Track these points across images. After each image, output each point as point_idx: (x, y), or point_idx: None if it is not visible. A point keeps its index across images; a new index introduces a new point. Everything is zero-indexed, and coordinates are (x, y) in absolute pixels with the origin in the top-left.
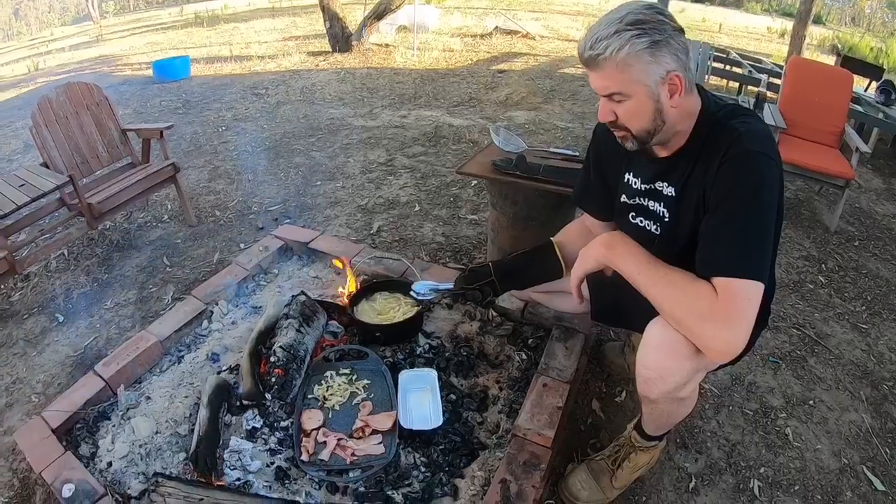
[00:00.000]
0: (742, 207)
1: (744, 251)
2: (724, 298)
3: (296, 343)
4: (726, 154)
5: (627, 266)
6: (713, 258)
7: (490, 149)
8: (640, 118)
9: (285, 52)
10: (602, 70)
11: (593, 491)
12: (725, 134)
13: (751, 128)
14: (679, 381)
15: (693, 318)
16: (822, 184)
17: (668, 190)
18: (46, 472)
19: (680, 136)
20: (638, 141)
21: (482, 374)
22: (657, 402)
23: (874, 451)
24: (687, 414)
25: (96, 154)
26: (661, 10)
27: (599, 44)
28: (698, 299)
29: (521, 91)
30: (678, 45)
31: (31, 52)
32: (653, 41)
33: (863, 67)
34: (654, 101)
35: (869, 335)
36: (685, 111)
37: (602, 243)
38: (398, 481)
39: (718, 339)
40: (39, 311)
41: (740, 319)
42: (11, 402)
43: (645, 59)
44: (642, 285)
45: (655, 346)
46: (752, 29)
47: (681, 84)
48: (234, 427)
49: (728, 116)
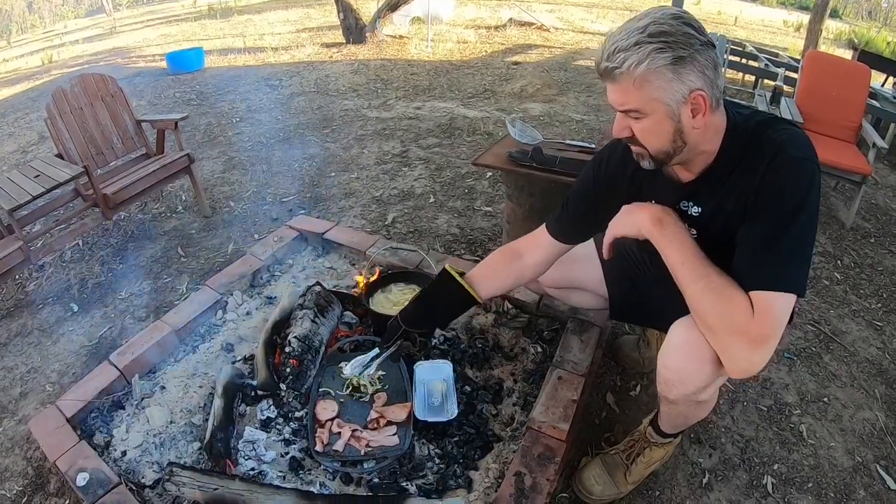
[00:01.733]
0: (788, 219)
1: (786, 265)
2: (759, 316)
3: (311, 334)
4: (771, 163)
5: (673, 252)
6: (754, 272)
7: (506, 140)
8: (657, 138)
9: (299, 44)
10: (619, 84)
11: (607, 485)
12: (767, 145)
13: (792, 134)
14: (699, 385)
15: (725, 330)
16: (839, 179)
17: (695, 209)
18: (61, 460)
19: (705, 155)
20: (655, 161)
21: (497, 366)
22: (676, 403)
23: (888, 450)
24: (705, 415)
25: (111, 145)
26: (689, 21)
27: (617, 56)
28: (734, 313)
29: (536, 83)
30: (706, 62)
31: (45, 45)
32: (676, 56)
33: (880, 62)
34: (675, 122)
35: (884, 332)
36: (710, 131)
37: (651, 217)
38: (412, 473)
39: (743, 359)
40: (54, 300)
41: (770, 340)
42: (26, 391)
43: (666, 77)
44: (682, 278)
45: (678, 348)
46: (767, 22)
47: (705, 104)
48: (249, 417)
49: (762, 126)
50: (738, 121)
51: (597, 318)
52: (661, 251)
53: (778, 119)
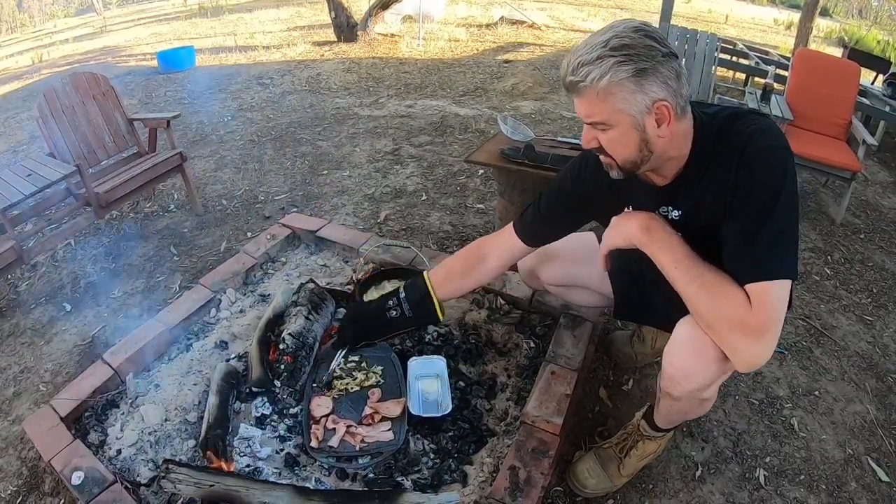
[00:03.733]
0: (768, 209)
1: (775, 252)
2: (757, 308)
3: (304, 330)
4: (742, 156)
5: (664, 257)
6: (745, 265)
7: (498, 138)
8: (624, 148)
9: (290, 43)
10: (584, 97)
11: (601, 478)
12: (736, 138)
13: (760, 125)
14: (703, 383)
15: (725, 326)
16: (829, 176)
17: (675, 213)
18: (56, 459)
19: (676, 160)
20: (623, 171)
21: (490, 361)
22: (679, 400)
23: (879, 443)
24: (703, 413)
25: (103, 144)
26: (651, 34)
27: (581, 70)
28: (732, 307)
29: (528, 81)
30: (668, 72)
31: (35, 44)
32: (638, 69)
33: (870, 60)
34: (640, 132)
35: (874, 327)
36: (677, 138)
37: (640, 226)
38: (407, 467)
39: (748, 352)
40: (47, 300)
41: (771, 330)
42: (20, 391)
43: (629, 88)
44: (676, 280)
45: (683, 346)
46: (758, 20)
47: (669, 113)
48: (244, 414)
49: (729, 120)
50: (704, 120)
51: (589, 314)
52: (653, 257)
53: (744, 111)
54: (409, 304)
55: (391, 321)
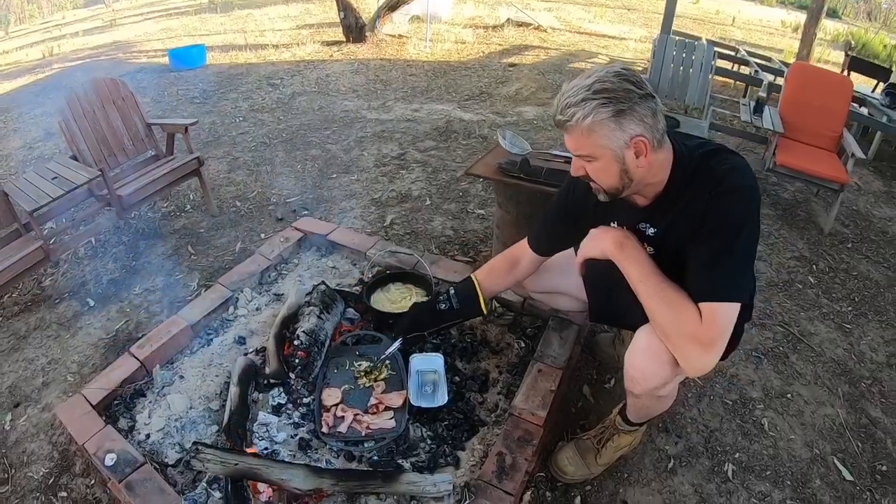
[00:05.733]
0: (729, 241)
1: (729, 279)
2: (707, 323)
3: (317, 328)
4: (713, 192)
5: (632, 271)
6: (702, 285)
7: (497, 150)
8: (607, 177)
9: (300, 42)
10: (571, 134)
11: (579, 466)
12: (710, 175)
13: (732, 164)
14: (659, 383)
15: (678, 337)
16: (820, 187)
17: (651, 231)
18: (89, 443)
19: (655, 185)
20: (608, 195)
21: (484, 359)
22: (640, 397)
23: (846, 444)
24: (665, 409)
25: (122, 147)
26: (629, 78)
27: (567, 111)
28: (686, 322)
29: (531, 86)
30: (644, 111)
31: (44, 37)
32: (617, 110)
33: (870, 68)
34: (620, 163)
35: (852, 335)
36: (655, 167)
37: (614, 241)
38: (407, 452)
39: (695, 360)
40: (70, 296)
41: (716, 344)
42: (48, 381)
43: (610, 127)
44: (641, 293)
45: (642, 351)
46: (766, 22)
47: (646, 147)
48: (262, 403)
49: (706, 158)
50: (684, 153)
51: (576, 318)
52: (623, 270)
53: (720, 150)
54: (457, 299)
55: (440, 313)
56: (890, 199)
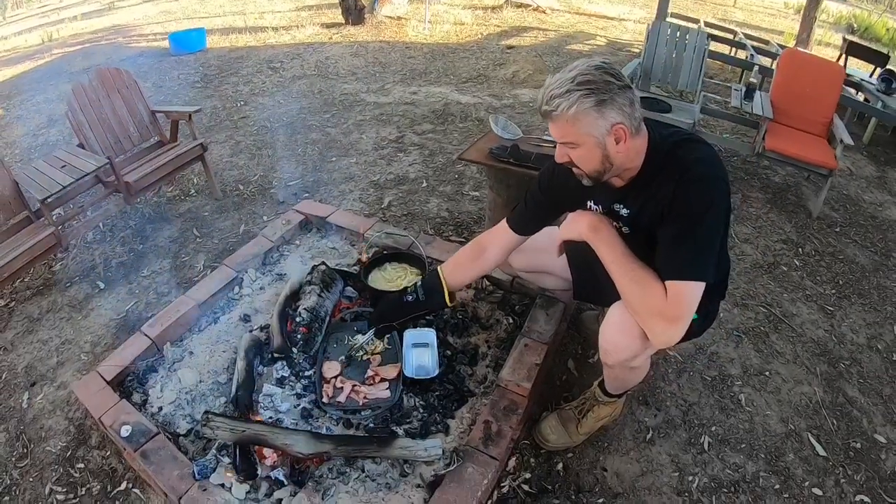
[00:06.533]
0: (693, 225)
1: (693, 260)
2: (672, 300)
3: (317, 306)
4: (679, 180)
5: (605, 252)
6: (668, 265)
7: (489, 136)
8: (590, 163)
9: (299, 24)
10: (556, 123)
11: (561, 434)
12: (678, 163)
13: (699, 155)
14: (629, 355)
15: (646, 312)
16: (810, 171)
17: (624, 211)
18: (105, 417)
19: (632, 169)
20: (591, 179)
21: (474, 334)
22: (613, 368)
23: (821, 421)
24: (639, 380)
25: (128, 134)
26: (609, 70)
27: (553, 101)
28: (653, 298)
29: (528, 68)
30: (623, 101)
31: (42, 21)
32: (599, 100)
33: (868, 53)
34: (602, 149)
35: (834, 317)
36: (633, 152)
37: (589, 224)
38: (401, 419)
39: (661, 333)
40: (81, 279)
41: (681, 319)
42: (62, 360)
43: (592, 115)
44: (613, 273)
45: (614, 325)
46: (768, 3)
47: (625, 133)
48: (266, 376)
49: (675, 147)
50: (657, 140)
51: (562, 296)
52: (597, 251)
53: (690, 139)
54: (423, 291)
55: (407, 304)
56: (882, 185)
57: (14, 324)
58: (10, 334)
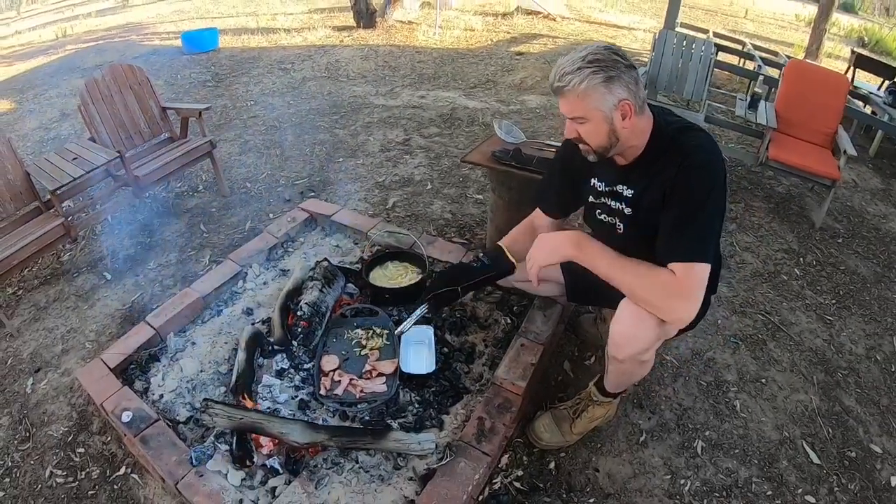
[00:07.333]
0: (696, 207)
1: (698, 241)
2: (682, 278)
3: (318, 301)
4: (681, 165)
5: (599, 263)
6: (674, 247)
7: (493, 139)
8: (597, 136)
9: (311, 26)
10: (566, 98)
11: (554, 433)
12: (680, 148)
13: (699, 141)
14: (643, 347)
15: (659, 296)
16: (814, 182)
17: (627, 192)
18: (107, 402)
19: (635, 148)
20: (597, 154)
21: (472, 333)
22: (623, 362)
23: (816, 429)
24: (643, 375)
25: (139, 130)
26: (616, 51)
27: (565, 77)
28: (663, 282)
29: (536, 75)
30: (629, 79)
31: (56, 17)
32: (607, 76)
33: (876, 66)
34: (609, 124)
35: (833, 326)
36: (637, 130)
37: (572, 244)
38: (396, 413)
39: (680, 310)
40: (88, 270)
41: (694, 294)
42: (67, 348)
43: (601, 91)
44: (613, 278)
45: (625, 319)
46: (779, 15)
47: (631, 110)
48: (266, 367)
49: (678, 133)
50: (662, 125)
51: (560, 299)
52: (589, 265)
53: (691, 128)
54: (487, 259)
55: (472, 269)
56: (886, 197)
57: (21, 311)
58: (17, 321)
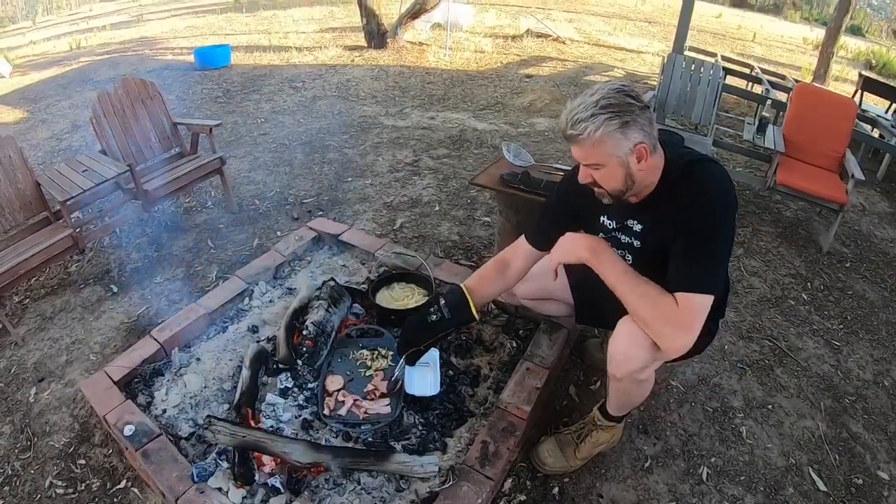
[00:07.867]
0: (705, 241)
1: (703, 273)
2: (683, 310)
3: (324, 320)
4: (693, 198)
5: (609, 273)
6: (680, 278)
7: (501, 162)
8: (613, 182)
9: (322, 45)
10: (581, 146)
11: (558, 458)
12: (693, 182)
13: (711, 173)
14: (640, 365)
15: (658, 322)
16: (821, 206)
17: (638, 226)
18: (109, 415)
19: (648, 186)
20: (613, 198)
21: (477, 356)
22: (622, 381)
23: (823, 456)
24: (644, 396)
25: (149, 144)
26: (628, 93)
27: (578, 126)
28: (664, 309)
29: (545, 98)
30: (644, 121)
31: (71, 28)
32: (623, 122)
33: (883, 89)
34: (625, 168)
35: (840, 352)
36: (652, 169)
37: (587, 248)
38: (400, 435)
39: (675, 340)
40: (95, 282)
41: (693, 327)
42: (72, 359)
43: (616, 137)
44: (620, 291)
45: (624, 336)
46: (787, 38)
47: (647, 152)
48: (270, 386)
49: (690, 165)
50: (673, 159)
51: (566, 322)
52: (600, 273)
53: (703, 160)
54: (448, 308)
55: (433, 325)
56: (894, 221)
57: (27, 320)
58: (22, 330)
